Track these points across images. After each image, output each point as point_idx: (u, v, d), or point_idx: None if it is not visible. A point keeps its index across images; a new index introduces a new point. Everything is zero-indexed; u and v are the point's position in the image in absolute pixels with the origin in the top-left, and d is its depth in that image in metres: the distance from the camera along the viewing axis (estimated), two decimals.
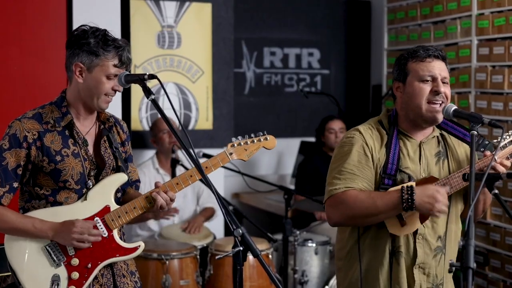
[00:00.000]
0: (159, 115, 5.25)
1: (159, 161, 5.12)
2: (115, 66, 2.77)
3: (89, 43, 2.75)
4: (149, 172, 5.03)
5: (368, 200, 2.68)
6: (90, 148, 2.87)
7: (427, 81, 2.75)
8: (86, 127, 2.88)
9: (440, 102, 2.75)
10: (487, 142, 2.78)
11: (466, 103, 5.29)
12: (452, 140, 2.90)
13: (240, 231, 2.39)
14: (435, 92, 2.74)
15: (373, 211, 2.68)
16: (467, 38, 5.34)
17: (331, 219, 2.79)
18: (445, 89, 2.75)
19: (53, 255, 2.78)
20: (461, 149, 2.90)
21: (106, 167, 2.86)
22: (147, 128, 5.43)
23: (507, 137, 2.82)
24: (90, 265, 2.79)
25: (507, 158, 2.80)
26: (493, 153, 2.74)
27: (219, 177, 5.60)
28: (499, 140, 2.77)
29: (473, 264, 2.14)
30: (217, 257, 3.16)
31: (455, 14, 5.48)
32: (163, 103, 5.32)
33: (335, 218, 2.78)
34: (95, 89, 2.78)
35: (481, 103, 5.20)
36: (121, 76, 2.75)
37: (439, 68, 2.77)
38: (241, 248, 2.39)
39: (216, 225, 5.20)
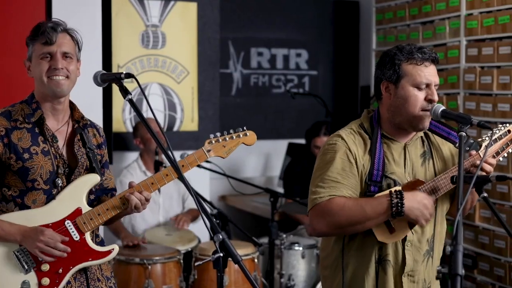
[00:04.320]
0: (148, 115, 5.23)
1: (145, 163, 5.03)
2: (44, 44, 2.72)
3: (28, 37, 2.77)
4: (136, 175, 4.94)
5: (355, 207, 2.59)
6: (62, 146, 2.77)
7: (422, 88, 2.66)
8: (58, 125, 2.80)
9: (430, 108, 2.66)
10: (472, 141, 2.71)
11: (454, 104, 5.24)
12: (436, 139, 2.82)
13: (220, 237, 2.30)
14: (429, 100, 2.66)
15: (362, 218, 2.59)
16: (456, 38, 5.29)
17: (316, 229, 2.69)
18: (437, 97, 2.67)
19: (22, 261, 2.68)
20: (445, 147, 2.83)
21: (78, 166, 2.76)
22: (131, 129, 5.33)
23: (494, 134, 2.74)
24: (61, 270, 2.69)
25: (493, 157, 2.74)
26: (479, 152, 2.68)
27: (204, 180, 5.52)
28: (484, 138, 2.73)
29: (461, 271, 2.07)
30: (196, 263, 3.06)
31: (443, 15, 5.42)
32: (141, 104, 5.24)
33: (321, 228, 2.67)
34: (37, 74, 2.74)
35: (469, 104, 5.15)
36: (96, 75, 2.67)
37: (434, 74, 2.68)
38: (222, 254, 2.30)
39: (201, 228, 5.10)
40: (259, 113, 6.68)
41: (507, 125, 2.81)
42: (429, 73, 2.66)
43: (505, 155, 2.83)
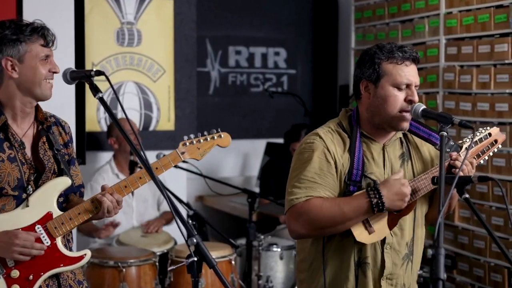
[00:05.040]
0: (119, 115, 5.13)
1: (118, 165, 4.92)
2: (43, 46, 2.63)
3: (6, 35, 2.60)
4: (108, 178, 4.84)
5: (334, 207, 2.53)
6: (28, 151, 2.67)
7: (402, 88, 2.60)
8: (23, 129, 2.69)
9: (410, 109, 2.61)
10: (452, 143, 2.67)
11: (434, 104, 5.20)
12: (415, 140, 2.77)
13: (195, 240, 2.23)
14: (409, 101, 2.60)
15: (341, 218, 2.53)
16: (435, 37, 5.26)
17: (294, 231, 2.62)
18: (417, 98, 2.62)
19: None
20: (424, 148, 2.78)
21: (46, 171, 2.66)
22: (105, 129, 5.23)
23: (475, 137, 2.70)
24: (31, 276, 2.60)
25: (474, 158, 2.71)
26: (460, 153, 2.64)
27: (181, 180, 5.43)
28: (464, 140, 2.69)
29: (443, 275, 2.01)
30: (169, 268, 2.98)
31: (423, 13, 5.39)
32: (117, 103, 5.15)
33: (298, 230, 2.60)
34: (34, 77, 2.62)
35: (449, 103, 5.12)
36: (66, 72, 2.58)
37: (414, 74, 2.62)
38: (196, 259, 2.23)
39: (177, 230, 5.00)
40: (237, 113, 6.62)
41: (488, 128, 2.79)
42: (409, 73, 2.60)
43: (486, 157, 2.80)
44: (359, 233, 2.58)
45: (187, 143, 2.79)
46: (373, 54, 2.62)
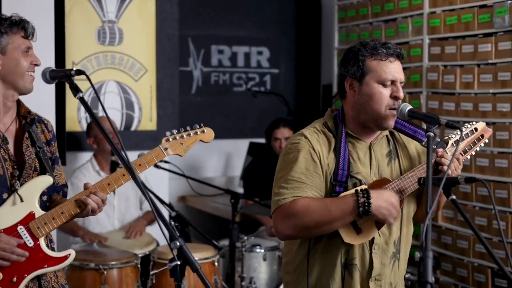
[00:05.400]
0: (100, 114, 5.07)
1: (98, 163, 4.86)
2: (23, 37, 2.61)
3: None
4: (90, 175, 4.77)
5: (321, 207, 2.49)
6: (11, 147, 2.62)
7: (387, 85, 2.57)
8: (5, 124, 2.65)
9: (397, 107, 2.58)
10: (438, 140, 2.64)
11: (417, 103, 5.19)
12: (402, 137, 2.75)
13: (178, 244, 2.18)
14: (394, 97, 2.57)
15: (328, 219, 2.49)
16: (419, 37, 5.24)
17: (281, 232, 2.58)
18: (402, 94, 2.59)
19: None
20: (411, 145, 2.76)
21: (26, 167, 2.61)
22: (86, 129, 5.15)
23: (459, 133, 2.69)
24: (15, 278, 2.55)
25: (461, 154, 2.70)
26: (446, 149, 2.62)
27: (163, 180, 5.38)
28: (450, 136, 2.69)
29: (431, 278, 1.98)
30: (152, 272, 2.93)
31: (406, 13, 5.37)
32: (97, 102, 5.08)
33: (285, 231, 2.56)
34: (17, 69, 2.59)
35: (432, 103, 5.11)
36: (45, 72, 2.53)
37: (399, 71, 2.61)
38: (179, 262, 2.18)
39: (159, 231, 4.94)
40: (219, 112, 6.58)
41: (474, 123, 2.78)
42: (394, 69, 2.58)
43: (473, 153, 2.78)
44: (347, 234, 2.55)
45: (170, 139, 2.75)
46: (357, 51, 2.60)
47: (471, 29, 4.77)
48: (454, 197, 2.42)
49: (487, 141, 2.83)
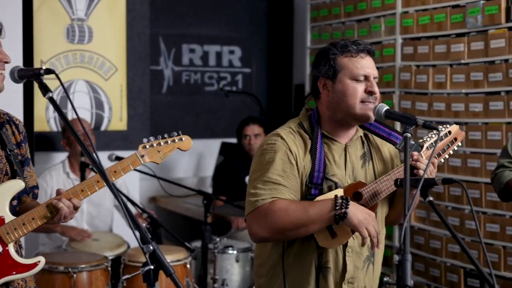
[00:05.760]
0: (70, 114, 4.97)
1: (71, 165, 4.77)
2: None
3: None
4: (58, 176, 4.68)
5: (300, 210, 2.45)
6: None
7: (360, 80, 2.54)
8: None
9: (373, 102, 2.55)
10: (413, 142, 2.61)
11: (390, 103, 5.18)
12: (376, 140, 2.73)
13: (151, 248, 2.12)
14: (369, 92, 2.54)
15: (306, 222, 2.45)
16: (391, 36, 5.24)
17: (257, 234, 2.53)
18: (377, 89, 2.56)
19: None
20: (385, 148, 2.74)
21: None
22: (55, 129, 5.07)
23: (433, 136, 2.68)
24: None
25: (435, 157, 2.67)
26: (421, 153, 2.60)
27: (134, 181, 5.31)
28: (425, 139, 2.66)
29: (410, 282, 1.95)
30: (124, 277, 2.86)
31: (379, 12, 5.37)
32: (67, 102, 4.99)
33: (261, 233, 2.51)
34: None
35: (405, 103, 5.11)
36: (13, 71, 2.45)
37: (371, 66, 2.58)
38: (152, 267, 2.12)
39: (130, 232, 4.88)
40: (191, 112, 6.52)
41: (448, 126, 2.77)
42: (366, 64, 2.56)
43: (446, 156, 2.77)
44: (322, 238, 2.51)
45: (147, 146, 2.68)
46: (327, 51, 2.59)
47: (444, 29, 4.78)
48: (431, 198, 2.40)
49: (460, 144, 2.81)
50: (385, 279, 2.56)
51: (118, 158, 4.27)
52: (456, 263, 4.74)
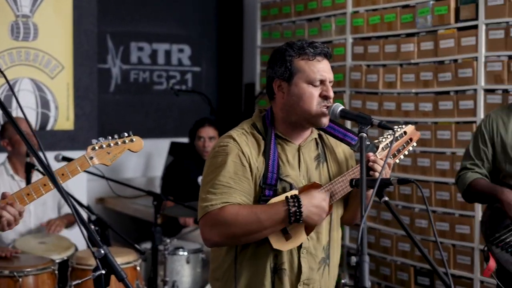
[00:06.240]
0: (18, 114, 4.81)
1: (13, 167, 4.60)
2: None
3: None
4: (3, 180, 4.52)
5: (250, 215, 2.41)
6: None
7: (316, 85, 2.51)
8: None
9: (328, 105, 2.52)
10: (368, 143, 2.60)
11: (341, 103, 5.15)
12: (330, 140, 2.70)
13: (102, 252, 2.04)
14: (324, 97, 2.51)
15: (257, 227, 2.41)
16: (342, 36, 5.25)
17: (209, 240, 2.48)
18: (332, 93, 2.54)
19: None
20: (339, 149, 2.71)
21: None
22: None
23: (388, 136, 2.66)
24: None
25: (390, 158, 2.66)
26: (377, 153, 2.59)
27: (81, 181, 5.19)
28: (380, 140, 2.64)
29: (368, 283, 1.93)
30: (73, 282, 2.77)
31: (329, 12, 5.37)
32: (10, 101, 4.82)
33: (213, 239, 2.47)
34: None
35: (355, 102, 5.13)
36: None
37: (328, 70, 2.55)
38: (103, 272, 2.05)
39: (78, 234, 4.75)
40: (140, 111, 6.43)
41: (403, 126, 2.76)
42: (322, 68, 2.53)
43: (402, 156, 2.76)
44: (276, 240, 2.47)
45: (96, 147, 2.59)
46: (284, 52, 2.54)
47: (394, 29, 4.81)
48: (386, 198, 2.38)
49: (415, 144, 2.82)
50: (342, 280, 2.54)
51: (65, 159, 4.15)
52: (406, 261, 4.77)
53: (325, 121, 2.55)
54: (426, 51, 4.60)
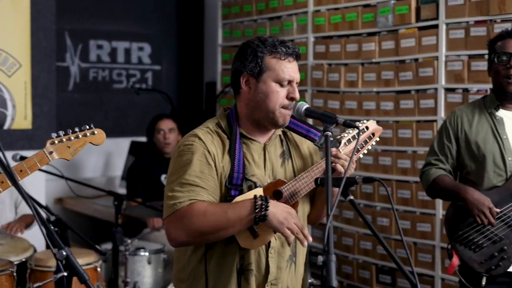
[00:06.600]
0: None
1: None
2: None
3: None
4: None
5: (218, 212, 2.39)
6: None
7: (284, 85, 2.50)
8: None
9: (291, 107, 2.52)
10: (331, 139, 2.59)
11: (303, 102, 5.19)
12: (294, 137, 2.70)
13: (64, 253, 2.00)
14: (291, 98, 2.51)
15: (225, 224, 2.39)
16: (303, 35, 5.25)
17: (176, 239, 2.45)
18: (298, 94, 2.54)
19: None
20: (304, 145, 2.71)
21: None
22: None
23: (350, 131, 2.67)
24: None
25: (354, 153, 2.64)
26: (339, 148, 2.59)
27: (39, 181, 5.10)
28: (342, 136, 2.66)
29: (335, 283, 1.92)
30: (35, 285, 2.71)
31: (291, 10, 5.37)
32: None
33: (180, 237, 2.43)
34: None
35: (317, 101, 5.13)
36: None
37: (296, 71, 2.54)
38: (65, 274, 2.00)
39: (37, 236, 4.66)
40: (99, 110, 6.34)
41: (365, 121, 2.77)
42: (292, 69, 2.52)
43: (365, 151, 2.77)
44: (244, 239, 2.45)
45: (56, 142, 2.53)
46: (256, 48, 2.51)
47: (355, 28, 4.83)
48: (352, 197, 2.38)
49: (378, 139, 2.83)
50: (309, 280, 2.53)
51: (23, 158, 4.06)
52: (368, 259, 4.80)
53: (286, 121, 2.54)
54: (387, 50, 4.63)
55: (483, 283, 3.16)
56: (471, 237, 3.19)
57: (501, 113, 3.22)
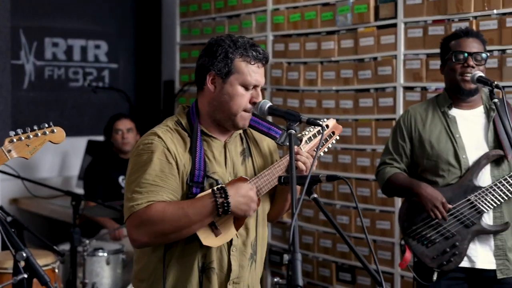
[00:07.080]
0: None
1: None
2: None
3: None
4: None
5: (177, 211, 2.36)
6: None
7: (249, 89, 2.50)
8: None
9: (252, 111, 2.53)
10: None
11: None
12: (254, 135, 2.70)
13: (24, 255, 1.96)
14: (253, 103, 2.51)
15: (186, 223, 2.37)
16: (262, 33, 5.25)
17: (136, 240, 2.42)
18: (261, 98, 2.54)
19: None
20: (264, 143, 2.71)
21: None
22: None
23: (311, 129, 2.68)
24: None
25: (314, 151, 2.66)
26: (300, 146, 2.60)
27: None
28: (303, 133, 2.66)
29: (301, 282, 1.92)
30: None
31: (250, 9, 5.36)
32: None
33: (141, 239, 2.41)
34: None
35: (277, 99, 5.14)
36: None
37: (262, 75, 2.54)
38: (25, 276, 1.96)
39: None
40: (55, 108, 6.25)
41: (325, 119, 2.78)
42: (259, 74, 2.53)
43: (326, 149, 2.79)
44: (205, 237, 2.43)
45: (14, 140, 2.47)
46: (227, 48, 2.48)
47: (314, 26, 4.84)
48: (315, 195, 2.39)
49: (338, 138, 2.85)
50: (275, 279, 2.52)
51: None
52: (328, 257, 4.82)
53: (246, 124, 2.55)
54: (346, 49, 4.65)
55: (435, 278, 3.21)
56: (424, 232, 3.23)
57: (454, 111, 3.26)
